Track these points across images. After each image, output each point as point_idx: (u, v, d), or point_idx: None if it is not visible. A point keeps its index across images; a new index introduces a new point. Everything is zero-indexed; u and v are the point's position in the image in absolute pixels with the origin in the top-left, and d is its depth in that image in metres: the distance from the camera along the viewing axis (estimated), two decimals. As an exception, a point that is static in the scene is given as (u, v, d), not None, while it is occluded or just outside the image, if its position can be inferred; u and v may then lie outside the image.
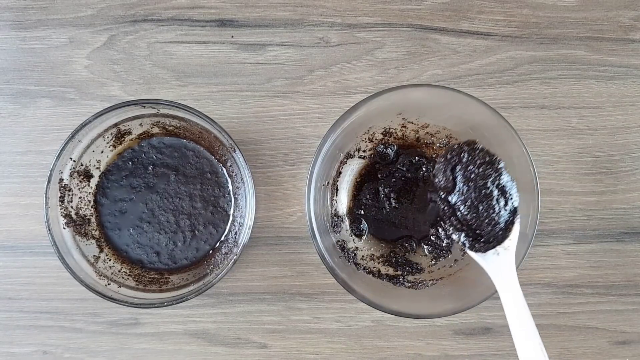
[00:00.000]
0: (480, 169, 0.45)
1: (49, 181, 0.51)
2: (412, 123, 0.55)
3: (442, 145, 0.56)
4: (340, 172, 0.56)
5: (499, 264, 0.45)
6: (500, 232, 0.46)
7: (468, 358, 0.58)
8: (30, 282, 0.58)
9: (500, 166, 0.46)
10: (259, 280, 0.58)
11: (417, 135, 0.56)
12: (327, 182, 0.55)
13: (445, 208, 0.47)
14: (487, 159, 0.46)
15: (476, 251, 0.46)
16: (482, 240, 0.46)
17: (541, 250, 0.58)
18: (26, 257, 0.58)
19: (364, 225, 0.56)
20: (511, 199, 0.46)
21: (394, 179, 0.56)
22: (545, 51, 0.58)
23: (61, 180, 0.52)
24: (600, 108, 0.59)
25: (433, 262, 0.55)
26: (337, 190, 0.56)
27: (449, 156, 0.46)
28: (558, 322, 0.58)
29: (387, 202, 0.56)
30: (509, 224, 0.46)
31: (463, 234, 0.46)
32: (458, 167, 0.46)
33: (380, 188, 0.56)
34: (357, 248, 0.56)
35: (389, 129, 0.55)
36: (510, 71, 0.58)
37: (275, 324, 0.58)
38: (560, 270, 0.58)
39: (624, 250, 0.59)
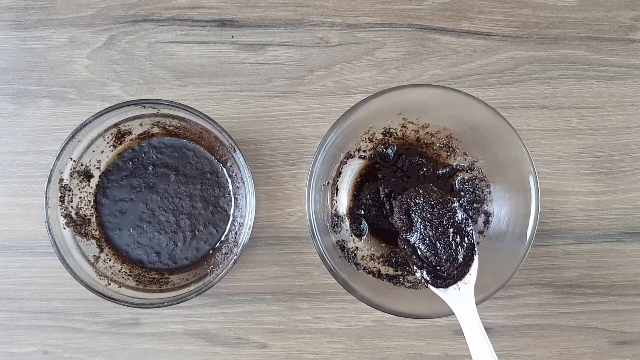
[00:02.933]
0: (435, 209, 0.49)
1: (49, 181, 0.51)
2: (412, 123, 0.55)
3: (442, 145, 0.56)
4: (341, 172, 0.56)
5: (460, 298, 0.48)
6: (460, 268, 0.48)
7: (468, 358, 0.58)
8: (30, 282, 0.58)
9: (453, 205, 0.49)
10: (259, 280, 0.58)
11: (417, 135, 0.56)
12: (327, 182, 0.55)
13: (405, 247, 0.50)
14: (441, 199, 0.49)
15: (438, 287, 0.49)
16: (443, 276, 0.49)
17: (541, 250, 0.58)
18: (26, 257, 0.58)
19: (364, 225, 0.56)
20: (467, 235, 0.49)
21: (394, 179, 0.56)
22: (546, 51, 0.58)
23: (61, 180, 0.52)
24: (600, 108, 0.59)
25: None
26: (337, 190, 0.56)
27: (403, 199, 0.50)
28: (558, 322, 0.58)
29: (387, 202, 0.56)
30: (469, 260, 0.49)
31: (425, 271, 0.49)
32: (415, 209, 0.49)
33: (380, 188, 0.56)
34: (357, 248, 0.56)
35: (389, 129, 0.55)
36: (510, 71, 0.58)
37: (275, 324, 0.58)
38: (560, 270, 0.58)
39: (624, 250, 0.59)
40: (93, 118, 0.50)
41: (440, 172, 0.56)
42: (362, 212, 0.56)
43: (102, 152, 0.55)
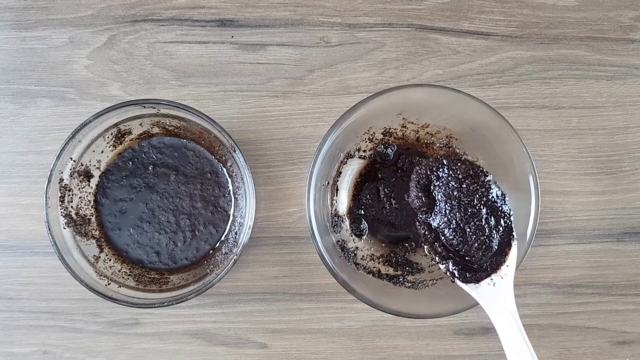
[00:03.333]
0: (464, 185, 0.38)
1: (49, 181, 0.51)
2: (412, 123, 0.55)
3: (442, 145, 0.56)
4: (341, 172, 0.56)
5: (496, 296, 0.38)
6: (494, 257, 0.39)
7: (468, 358, 0.58)
8: (30, 282, 0.58)
9: (487, 179, 0.40)
10: (259, 280, 0.58)
11: (417, 135, 0.56)
12: (327, 182, 0.55)
13: (426, 232, 0.40)
14: (471, 172, 0.39)
15: (467, 282, 0.39)
16: (473, 268, 0.39)
17: (541, 250, 0.58)
18: (26, 257, 0.58)
19: (364, 225, 0.56)
20: (504, 217, 0.39)
21: (394, 179, 0.56)
22: (546, 51, 0.58)
23: (61, 180, 0.52)
24: (600, 108, 0.59)
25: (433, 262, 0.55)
26: (337, 190, 0.56)
27: (421, 171, 0.40)
28: (558, 322, 0.58)
29: (387, 202, 0.56)
30: (505, 247, 0.39)
31: (451, 263, 0.40)
32: (438, 184, 0.39)
33: (380, 188, 0.56)
34: (357, 248, 0.56)
35: (389, 129, 0.55)
36: (510, 71, 0.58)
37: (275, 324, 0.58)
38: (560, 270, 0.58)
39: (624, 250, 0.59)
40: (93, 118, 0.50)
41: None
42: (362, 212, 0.56)
43: (102, 152, 0.55)
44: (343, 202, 0.57)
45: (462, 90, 0.49)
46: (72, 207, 0.54)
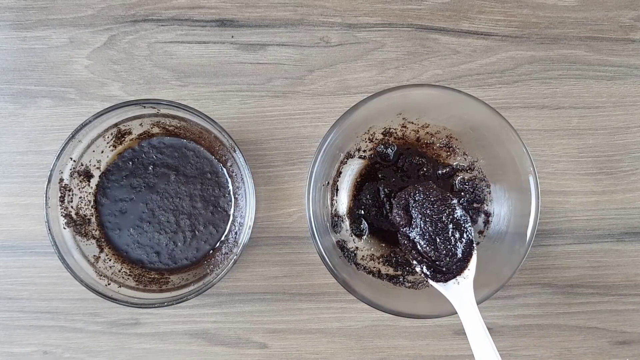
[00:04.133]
0: (435, 206, 0.50)
1: (49, 181, 0.51)
2: (412, 123, 0.55)
3: (442, 145, 0.56)
4: (341, 172, 0.56)
5: (459, 292, 0.48)
6: (459, 263, 0.49)
7: (468, 358, 0.58)
8: (30, 282, 0.58)
9: (453, 202, 0.50)
10: (259, 280, 0.58)
11: (417, 135, 0.56)
12: (327, 182, 0.55)
13: (405, 242, 0.51)
14: (441, 196, 0.50)
15: (437, 281, 0.50)
16: (442, 270, 0.49)
17: (541, 250, 0.58)
18: (26, 257, 0.58)
19: (364, 225, 0.56)
20: (466, 232, 0.50)
21: (394, 179, 0.56)
22: (545, 51, 0.58)
23: (61, 180, 0.52)
24: (600, 108, 0.59)
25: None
26: (337, 190, 0.56)
27: (402, 195, 0.51)
28: (558, 322, 0.58)
29: (387, 202, 0.56)
30: (467, 255, 0.50)
31: (424, 266, 0.50)
32: (415, 205, 0.50)
33: (380, 188, 0.56)
34: (357, 248, 0.56)
35: (389, 129, 0.55)
36: (510, 71, 0.58)
37: (275, 324, 0.58)
38: (560, 270, 0.58)
39: (624, 250, 0.59)
40: (93, 118, 0.50)
41: (440, 172, 0.56)
42: (362, 212, 0.56)
43: (102, 152, 0.55)
44: (343, 202, 0.57)
45: (462, 90, 0.49)
46: (72, 207, 0.54)
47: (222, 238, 0.56)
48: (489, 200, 0.54)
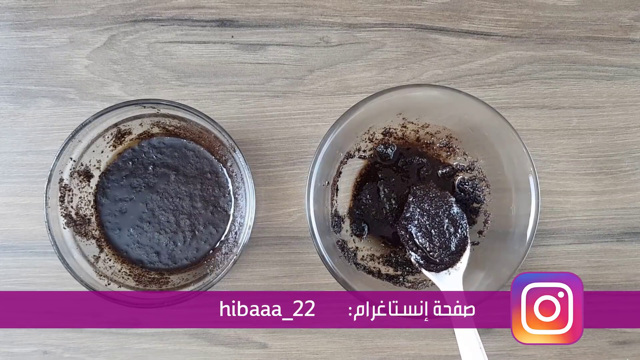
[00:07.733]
0: (433, 201, 0.52)
1: (49, 181, 0.51)
2: (412, 123, 0.55)
3: (442, 145, 0.56)
4: (341, 172, 0.56)
5: (450, 281, 0.51)
6: (452, 256, 0.52)
7: (468, 358, 0.58)
8: (30, 282, 0.58)
9: (450, 199, 0.53)
10: (259, 280, 0.58)
11: (417, 135, 0.56)
12: (327, 182, 0.55)
13: (403, 232, 0.53)
14: (439, 193, 0.53)
15: (430, 270, 0.52)
16: (435, 261, 0.52)
17: (541, 250, 0.58)
18: (26, 257, 0.58)
19: (364, 225, 0.56)
20: (461, 227, 0.52)
21: (394, 179, 0.56)
22: (545, 51, 0.58)
23: (61, 180, 0.52)
24: (600, 108, 0.59)
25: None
26: (337, 190, 0.56)
27: (412, 197, 0.54)
28: (558, 322, 0.58)
29: (387, 202, 0.56)
30: (461, 250, 0.52)
31: (420, 256, 0.53)
32: (414, 200, 0.53)
33: (380, 188, 0.56)
34: (357, 248, 0.56)
35: (389, 129, 0.55)
36: (510, 71, 0.58)
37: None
38: (560, 270, 0.58)
39: (624, 250, 0.59)
40: (93, 118, 0.50)
41: (440, 172, 0.56)
42: (362, 212, 0.56)
43: (102, 152, 0.55)
44: (343, 202, 0.57)
45: (462, 90, 0.49)
46: (72, 207, 0.54)
47: (222, 238, 0.56)
48: (489, 200, 0.54)
